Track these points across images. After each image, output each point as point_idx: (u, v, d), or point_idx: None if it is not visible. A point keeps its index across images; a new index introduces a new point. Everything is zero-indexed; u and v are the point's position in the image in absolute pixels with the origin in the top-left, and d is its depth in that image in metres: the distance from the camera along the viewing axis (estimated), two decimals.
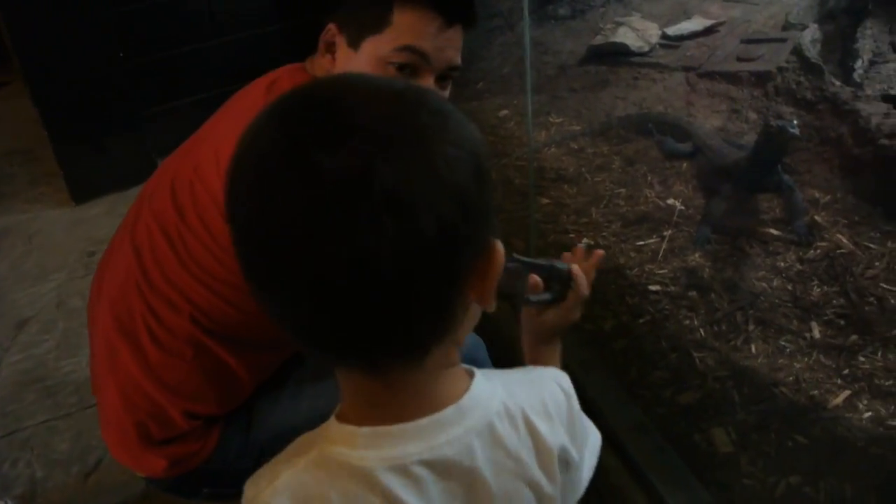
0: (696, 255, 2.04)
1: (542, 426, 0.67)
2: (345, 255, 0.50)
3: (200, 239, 1.09)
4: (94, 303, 1.25)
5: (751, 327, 1.80)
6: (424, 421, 0.60)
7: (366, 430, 0.60)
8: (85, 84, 2.72)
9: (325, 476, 0.60)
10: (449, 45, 1.10)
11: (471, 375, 0.65)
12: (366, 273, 0.51)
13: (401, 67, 1.09)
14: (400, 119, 0.54)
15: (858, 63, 2.64)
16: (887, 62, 2.64)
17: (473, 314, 0.63)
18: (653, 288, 1.94)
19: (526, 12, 1.45)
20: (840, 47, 2.89)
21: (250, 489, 0.64)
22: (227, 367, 1.15)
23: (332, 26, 1.13)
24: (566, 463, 0.71)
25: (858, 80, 2.55)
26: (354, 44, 1.10)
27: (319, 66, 1.17)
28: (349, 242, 0.50)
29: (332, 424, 0.63)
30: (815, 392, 1.61)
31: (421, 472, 0.59)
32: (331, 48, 1.15)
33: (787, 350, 1.73)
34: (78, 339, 2.15)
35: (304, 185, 0.51)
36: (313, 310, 0.54)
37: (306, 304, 0.54)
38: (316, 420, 1.26)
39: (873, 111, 2.23)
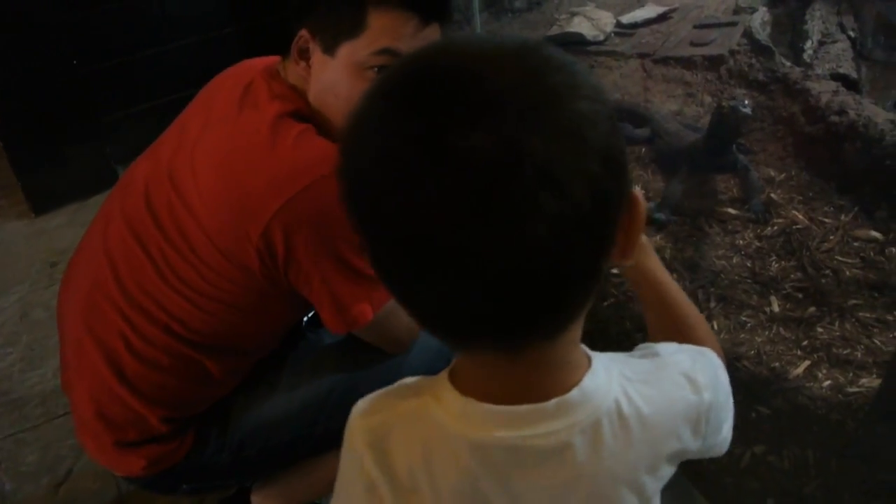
0: (657, 236, 2.07)
1: (660, 430, 0.63)
2: (503, 239, 0.48)
3: (181, 252, 1.09)
4: (63, 311, 1.24)
5: (712, 304, 1.83)
6: (524, 408, 0.57)
7: (472, 402, 0.58)
8: (39, 93, 2.68)
9: (416, 432, 0.60)
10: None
11: (589, 361, 0.62)
12: (527, 256, 0.48)
13: (380, 70, 1.06)
14: (531, 83, 0.50)
15: (808, 44, 2.70)
16: (835, 42, 2.71)
17: (604, 280, 0.60)
18: (614, 271, 1.97)
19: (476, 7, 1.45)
20: (790, 29, 2.95)
21: (360, 405, 0.64)
22: (205, 374, 1.15)
23: (304, 33, 1.09)
24: (695, 451, 0.68)
25: (808, 60, 2.61)
26: (330, 50, 1.07)
27: (293, 72, 1.13)
28: (507, 226, 0.47)
29: (444, 384, 0.60)
30: (777, 364, 1.65)
31: (508, 457, 0.58)
32: (304, 55, 1.11)
33: (748, 325, 1.76)
34: (42, 351, 2.13)
35: (450, 175, 0.47)
36: (469, 299, 0.51)
37: (462, 294, 0.51)
38: (293, 410, 1.27)
39: (823, 90, 2.28)
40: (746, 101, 1.98)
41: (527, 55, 0.52)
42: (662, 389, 0.64)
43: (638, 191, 0.56)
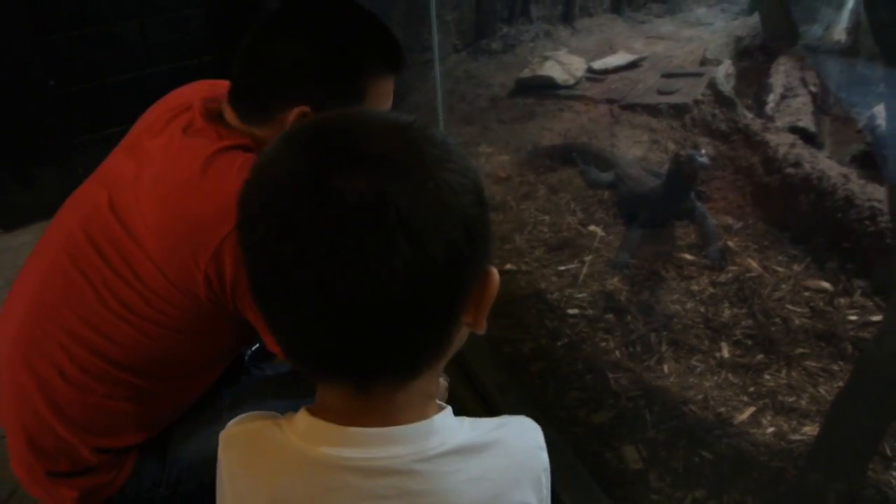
0: (615, 279, 2.10)
1: (504, 475, 0.66)
2: (360, 277, 0.52)
3: (125, 279, 1.08)
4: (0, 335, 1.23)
5: (664, 348, 1.86)
6: (374, 430, 0.61)
7: (320, 422, 0.62)
8: (12, 112, 2.69)
9: (258, 447, 0.65)
10: (392, 95, 1.17)
11: (441, 409, 0.66)
12: (379, 295, 0.53)
13: None
14: (408, 151, 0.57)
15: (770, 97, 2.78)
16: (797, 96, 2.79)
17: (461, 340, 0.64)
18: (571, 311, 2.00)
19: (436, 50, 1.49)
20: (756, 82, 3.03)
21: (232, 420, 0.71)
22: (140, 400, 1.14)
23: (305, 109, 1.09)
24: None
25: (770, 112, 2.69)
26: None
27: (263, 136, 1.13)
28: (365, 265, 0.52)
29: (302, 411, 0.65)
30: (722, 409, 1.68)
31: (350, 477, 0.60)
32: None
33: (698, 369, 1.79)
34: None
35: (323, 209, 0.53)
36: (324, 330, 0.56)
37: (316, 325, 0.56)
38: None
39: (781, 142, 2.35)
40: (703, 151, 2.04)
41: (410, 130, 0.59)
42: (500, 433, 0.67)
43: (494, 270, 0.61)
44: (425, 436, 0.62)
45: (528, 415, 1.61)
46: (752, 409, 1.67)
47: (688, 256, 2.15)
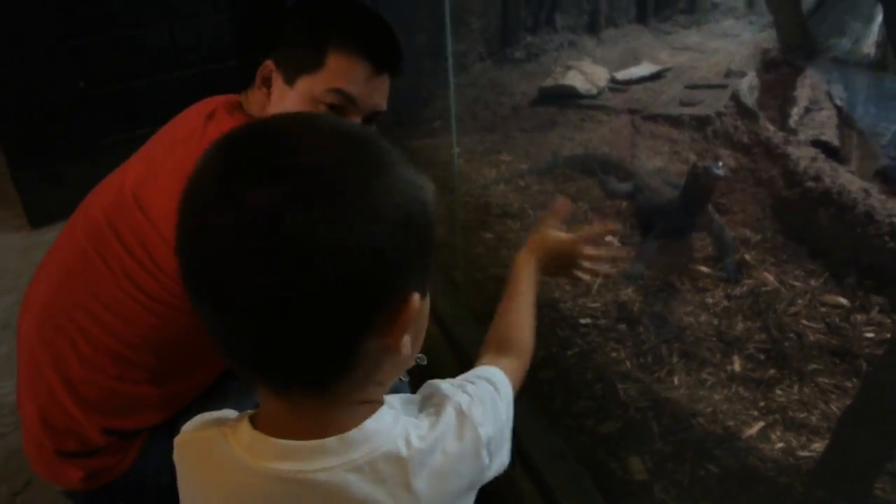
0: (629, 289, 2.10)
1: (442, 475, 0.66)
2: (255, 286, 0.54)
3: (142, 264, 1.12)
4: (21, 318, 1.28)
5: (675, 360, 1.85)
6: (307, 443, 0.61)
7: (260, 435, 0.63)
8: (44, 112, 2.75)
9: (203, 456, 0.67)
10: (376, 91, 1.18)
11: (376, 409, 0.66)
12: (273, 306, 0.54)
13: (331, 107, 1.15)
14: (331, 167, 0.56)
15: (794, 110, 2.75)
16: (822, 110, 2.76)
17: (396, 359, 0.63)
18: (583, 321, 2.00)
19: (450, 59, 1.51)
20: (781, 94, 3.01)
21: (186, 424, 0.73)
22: (151, 385, 1.17)
23: (269, 62, 1.19)
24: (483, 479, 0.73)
25: (793, 125, 2.66)
26: (290, 81, 1.17)
27: (254, 98, 1.23)
28: (259, 275, 0.54)
29: (244, 419, 0.66)
30: (731, 423, 1.66)
31: (287, 489, 0.61)
32: (266, 82, 1.20)
33: (708, 382, 1.78)
34: None
35: (226, 216, 0.54)
36: (229, 331, 0.58)
37: (224, 325, 0.58)
38: None
39: (802, 155, 2.33)
40: (720, 163, 2.02)
41: (353, 143, 0.59)
42: (435, 429, 0.67)
43: (416, 297, 0.60)
44: (356, 445, 0.62)
45: (535, 422, 1.62)
46: (761, 424, 1.65)
47: (703, 269, 2.14)
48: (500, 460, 0.76)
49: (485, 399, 0.75)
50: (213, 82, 3.00)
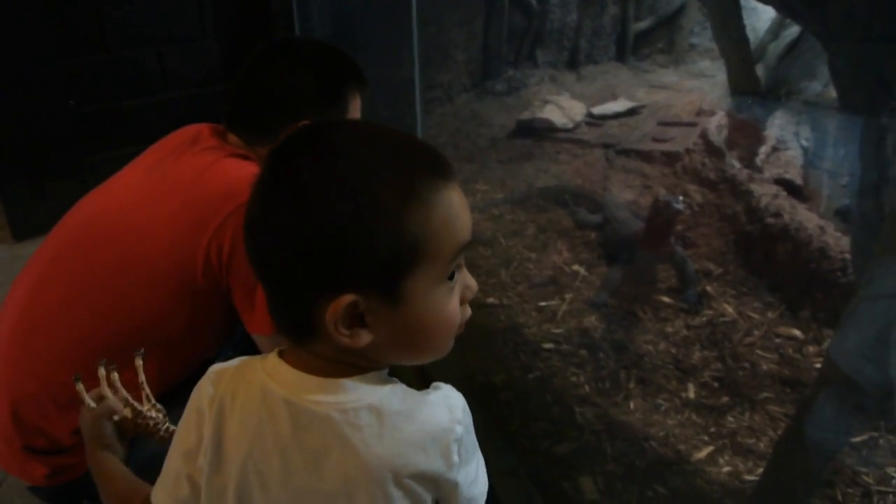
0: (592, 317, 2.16)
1: (408, 438, 0.71)
2: (267, 234, 0.67)
3: (120, 270, 1.20)
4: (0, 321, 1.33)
5: (632, 385, 1.91)
6: (309, 377, 0.71)
7: (283, 364, 0.73)
8: (34, 128, 2.82)
9: (238, 377, 0.76)
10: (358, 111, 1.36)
11: (378, 374, 0.74)
12: (271, 254, 0.67)
13: None
14: (315, 169, 0.66)
15: (762, 148, 2.84)
16: (788, 149, 2.85)
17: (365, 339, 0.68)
18: (546, 346, 2.06)
19: (417, 91, 1.59)
20: (750, 134, 3.10)
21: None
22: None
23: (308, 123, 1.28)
24: (450, 482, 0.74)
25: (760, 164, 2.75)
26: None
27: (236, 143, 1.31)
28: (264, 221, 0.67)
29: (275, 352, 0.75)
30: (682, 447, 1.72)
31: (289, 411, 0.70)
32: None
33: (663, 408, 1.84)
34: None
35: (266, 171, 0.69)
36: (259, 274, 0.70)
37: (259, 266, 0.70)
38: None
39: (764, 192, 2.41)
40: (681, 197, 2.11)
41: (324, 150, 0.69)
42: (420, 404, 0.73)
43: (349, 298, 0.65)
44: (346, 389, 0.70)
45: (491, 442, 1.67)
46: (710, 449, 1.71)
47: (665, 299, 2.21)
48: (472, 473, 0.78)
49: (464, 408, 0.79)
50: (200, 106, 3.08)
